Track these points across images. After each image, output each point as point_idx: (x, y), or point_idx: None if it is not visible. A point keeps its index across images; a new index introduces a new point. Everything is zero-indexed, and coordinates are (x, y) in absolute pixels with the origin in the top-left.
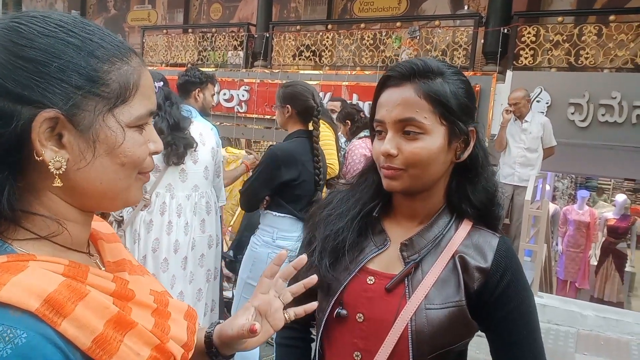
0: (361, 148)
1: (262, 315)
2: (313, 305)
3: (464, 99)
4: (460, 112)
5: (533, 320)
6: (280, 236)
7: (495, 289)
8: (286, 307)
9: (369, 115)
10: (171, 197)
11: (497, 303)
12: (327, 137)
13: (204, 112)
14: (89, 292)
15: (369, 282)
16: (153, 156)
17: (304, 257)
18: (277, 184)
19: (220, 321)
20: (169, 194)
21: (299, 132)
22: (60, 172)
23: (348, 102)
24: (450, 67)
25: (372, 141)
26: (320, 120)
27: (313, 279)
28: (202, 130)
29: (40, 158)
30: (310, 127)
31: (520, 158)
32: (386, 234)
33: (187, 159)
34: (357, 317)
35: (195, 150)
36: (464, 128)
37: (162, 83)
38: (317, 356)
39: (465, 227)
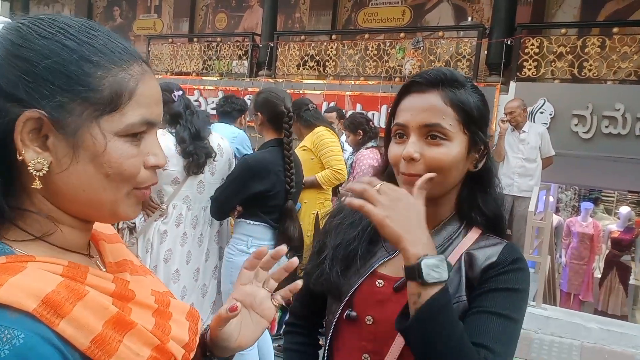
0: (369, 159)
1: (249, 308)
2: (297, 284)
3: (483, 111)
4: (481, 122)
5: (515, 307)
6: (255, 244)
7: (494, 274)
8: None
9: (379, 125)
10: (188, 209)
11: (487, 281)
12: (333, 143)
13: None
14: (88, 292)
15: (378, 285)
16: (174, 168)
17: (283, 247)
18: (249, 194)
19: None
20: (186, 205)
21: (272, 141)
22: (41, 174)
23: (353, 110)
24: (469, 80)
25: (385, 146)
26: (325, 127)
27: (297, 284)
28: (219, 141)
29: (21, 158)
30: (282, 135)
31: (519, 168)
32: None
33: (205, 170)
34: (366, 320)
35: (214, 161)
36: (483, 138)
37: (181, 92)
38: (326, 358)
39: (474, 234)
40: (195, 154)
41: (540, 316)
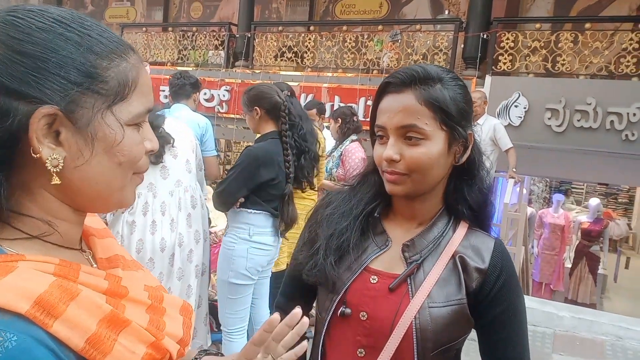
0: (357, 151)
1: None
2: (303, 346)
3: (462, 104)
4: (459, 117)
5: (523, 319)
6: (257, 232)
7: (492, 289)
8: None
9: (363, 119)
10: (154, 196)
11: (492, 302)
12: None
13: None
14: (81, 291)
15: (372, 282)
16: None
17: (298, 312)
18: (256, 184)
19: (208, 350)
20: (151, 193)
21: (271, 133)
22: (58, 169)
23: (331, 102)
24: (448, 72)
25: (372, 145)
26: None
27: (304, 346)
28: (176, 125)
29: (38, 155)
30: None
31: None
32: (387, 235)
33: (166, 155)
34: (360, 316)
35: (173, 146)
36: (463, 132)
37: None
38: (319, 354)
39: (462, 228)
40: None
41: None
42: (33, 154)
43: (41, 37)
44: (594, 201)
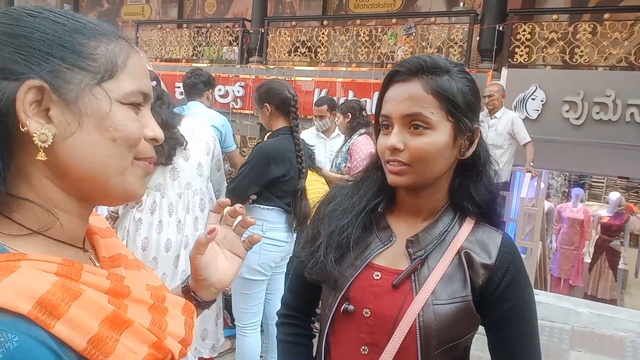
0: (364, 145)
1: (221, 246)
2: (253, 238)
3: (469, 96)
4: (466, 109)
5: (532, 316)
6: (270, 227)
7: (499, 285)
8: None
9: (371, 112)
10: (162, 196)
11: (499, 299)
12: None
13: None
14: (84, 291)
15: (375, 278)
16: None
17: (226, 200)
18: (267, 180)
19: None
20: (159, 193)
21: (282, 129)
22: (46, 145)
23: (346, 97)
24: (456, 65)
25: (376, 137)
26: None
27: (254, 238)
28: (194, 126)
29: (25, 129)
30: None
31: None
32: (391, 230)
33: (177, 157)
34: (363, 312)
35: (185, 148)
36: (469, 125)
37: (155, 83)
38: (323, 351)
39: (469, 224)
40: (160, 145)
41: None
42: (21, 129)
43: (29, 20)
44: (614, 195)
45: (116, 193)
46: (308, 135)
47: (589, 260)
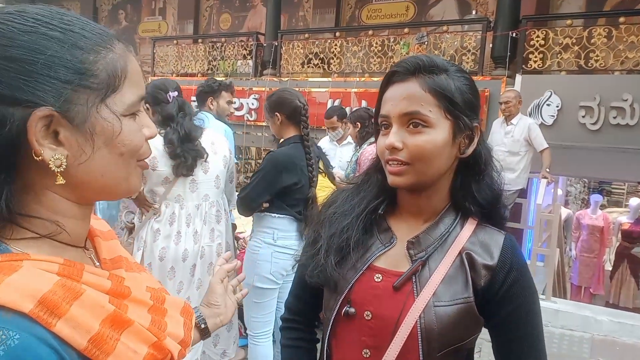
0: (372, 154)
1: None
2: (243, 293)
3: (468, 94)
4: (464, 107)
5: (536, 317)
6: (281, 236)
7: (501, 286)
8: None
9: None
10: (180, 208)
11: (502, 300)
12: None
13: (221, 119)
14: (85, 291)
15: (376, 280)
16: (164, 168)
17: (228, 253)
18: (278, 188)
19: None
20: (178, 204)
21: (293, 138)
22: (62, 169)
23: (359, 107)
24: (453, 65)
25: (376, 138)
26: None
27: (243, 293)
28: (214, 139)
29: (40, 158)
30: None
31: (500, 162)
32: (392, 232)
33: (197, 169)
34: (365, 315)
35: (206, 161)
36: (468, 123)
37: (176, 93)
38: (325, 354)
39: (471, 224)
40: (183, 157)
41: (550, 309)
42: (35, 157)
43: (24, 39)
44: (635, 201)
45: (119, 194)
46: (322, 143)
47: (610, 268)
